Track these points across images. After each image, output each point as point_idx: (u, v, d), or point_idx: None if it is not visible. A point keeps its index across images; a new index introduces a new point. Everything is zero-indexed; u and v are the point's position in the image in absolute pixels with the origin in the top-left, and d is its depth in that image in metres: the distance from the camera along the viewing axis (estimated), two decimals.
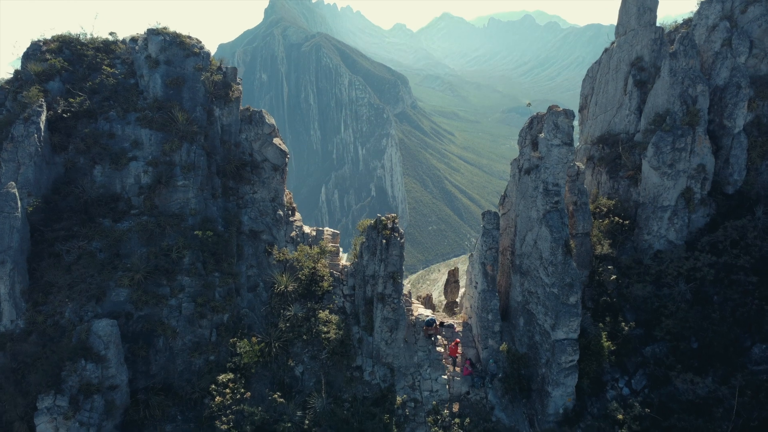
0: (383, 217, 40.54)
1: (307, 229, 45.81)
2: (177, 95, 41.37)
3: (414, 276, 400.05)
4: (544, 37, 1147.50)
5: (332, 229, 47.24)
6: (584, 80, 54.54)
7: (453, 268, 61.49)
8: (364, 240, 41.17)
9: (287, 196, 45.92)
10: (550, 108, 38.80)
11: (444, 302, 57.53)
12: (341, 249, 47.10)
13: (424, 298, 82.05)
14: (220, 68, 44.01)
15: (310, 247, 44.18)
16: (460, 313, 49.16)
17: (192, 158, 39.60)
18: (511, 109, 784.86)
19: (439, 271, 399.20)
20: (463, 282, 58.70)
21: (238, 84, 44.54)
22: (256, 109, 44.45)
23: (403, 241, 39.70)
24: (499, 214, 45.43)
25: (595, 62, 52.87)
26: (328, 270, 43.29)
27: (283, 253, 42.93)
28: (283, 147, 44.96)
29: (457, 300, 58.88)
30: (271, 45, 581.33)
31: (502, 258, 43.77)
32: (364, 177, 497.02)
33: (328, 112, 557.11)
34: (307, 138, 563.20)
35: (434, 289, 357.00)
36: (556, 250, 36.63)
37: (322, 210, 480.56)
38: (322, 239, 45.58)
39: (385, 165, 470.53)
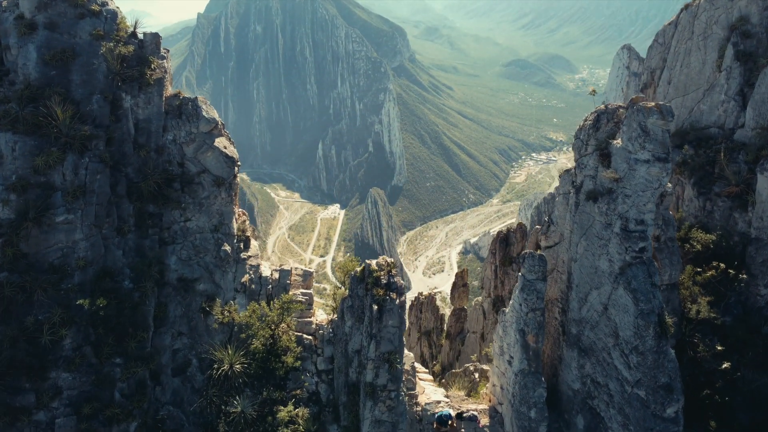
0: (374, 265, 27.04)
1: (266, 269, 31.94)
2: (63, 77, 27.27)
3: (411, 233, 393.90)
4: None
5: (302, 267, 33.27)
6: (651, 48, 40.09)
7: (461, 269, 53.57)
8: (346, 295, 27.79)
9: (239, 220, 32.15)
10: (633, 102, 24.88)
11: (447, 307, 44.51)
12: (318, 292, 33.48)
13: (426, 299, 69.34)
14: (133, 35, 29.69)
15: (269, 302, 30.50)
16: (483, 394, 35.79)
17: (82, 177, 25.82)
18: (511, 63, 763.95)
19: (437, 227, 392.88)
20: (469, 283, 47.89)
21: (163, 59, 30.26)
22: (188, 96, 30.33)
23: (403, 299, 26.35)
24: (541, 245, 31.95)
25: (669, 23, 38.37)
26: (294, 336, 29.78)
27: (228, 312, 29.32)
28: (231, 151, 31.08)
29: (466, 307, 50.63)
30: None
31: (546, 313, 30.49)
32: (362, 132, 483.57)
33: (325, 66, 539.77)
34: (303, 93, 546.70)
35: (431, 246, 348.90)
36: (643, 330, 23.34)
37: (319, 166, 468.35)
38: (288, 282, 31.77)
39: (382, 120, 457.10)
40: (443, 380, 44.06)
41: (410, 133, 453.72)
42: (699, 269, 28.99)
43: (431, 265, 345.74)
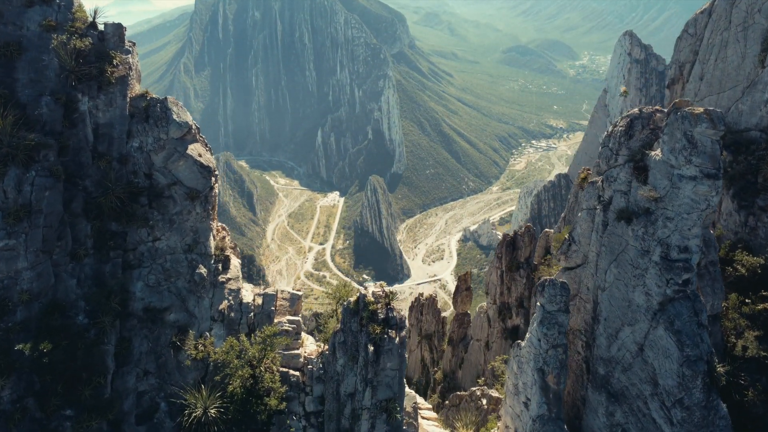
0: (370, 296, 23.22)
1: (247, 293, 28.02)
2: (6, 76, 23.34)
3: (411, 221, 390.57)
4: None
5: (289, 291, 29.25)
6: (680, 39, 35.98)
7: (464, 272, 52.84)
8: (338, 328, 24.04)
9: (217, 236, 28.29)
10: (676, 106, 20.95)
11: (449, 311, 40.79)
12: (305, 323, 29.66)
13: (427, 301, 65.60)
14: (92, 26, 25.67)
15: (251, 333, 26.66)
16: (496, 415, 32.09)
17: (27, 194, 21.94)
18: (511, 49, 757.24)
19: (436, 215, 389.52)
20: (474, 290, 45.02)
21: (128, 54, 26.23)
22: (156, 97, 26.34)
23: (404, 335, 22.61)
24: (560, 264, 28.18)
25: (701, 11, 34.26)
26: (278, 373, 25.96)
27: (203, 347, 25.46)
28: (207, 159, 27.17)
29: (469, 311, 49.60)
30: None
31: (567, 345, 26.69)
32: (361, 120, 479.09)
33: (324, 52, 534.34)
34: (302, 79, 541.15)
35: (431, 234, 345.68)
36: (690, 380, 19.62)
37: (319, 154, 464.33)
38: (273, 308, 27.87)
39: (382, 107, 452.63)
40: (446, 401, 40.40)
41: (410, 121, 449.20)
42: (745, 298, 25.15)
43: (431, 252, 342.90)
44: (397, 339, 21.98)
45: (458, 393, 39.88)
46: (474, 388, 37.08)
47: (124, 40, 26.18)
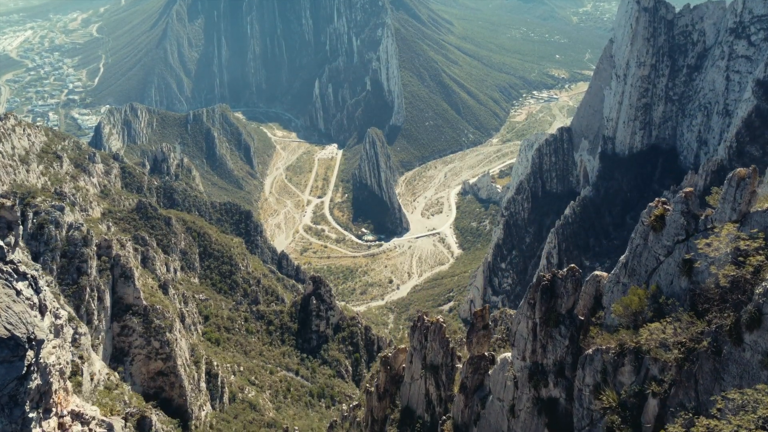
0: None
1: None
2: None
3: (410, 173, 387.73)
4: None
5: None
6: None
7: (481, 307, 40.64)
8: None
9: None
10: None
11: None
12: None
13: (432, 325, 52.30)
14: None
15: None
16: None
17: None
18: None
19: (435, 168, 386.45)
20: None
21: None
22: None
23: None
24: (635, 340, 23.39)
25: None
26: None
27: None
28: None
29: (486, 354, 38.81)
30: None
31: None
32: (359, 70, 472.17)
33: None
34: (298, 28, 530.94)
35: (430, 187, 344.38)
36: None
37: (316, 105, 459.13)
38: None
39: (380, 57, 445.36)
40: None
41: (409, 71, 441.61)
42: None
43: (430, 205, 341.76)
44: None
45: None
46: None
47: None
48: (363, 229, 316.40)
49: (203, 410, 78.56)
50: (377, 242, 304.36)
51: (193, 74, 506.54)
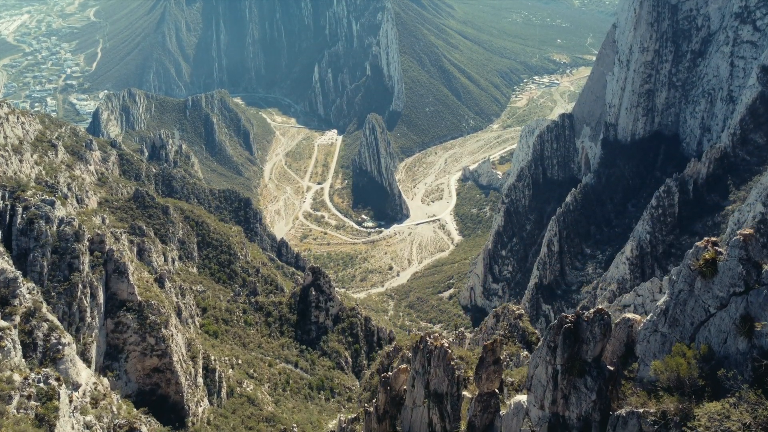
0: None
1: None
2: None
3: (410, 159, 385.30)
4: None
5: None
6: None
7: (491, 340, 35.87)
8: None
9: None
10: None
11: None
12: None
13: (435, 349, 47.10)
14: None
15: None
16: None
17: None
18: None
19: (435, 154, 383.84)
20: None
21: None
22: None
23: None
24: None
25: None
26: None
27: None
28: None
29: (497, 390, 34.41)
30: None
31: None
32: (359, 55, 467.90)
33: None
34: (298, 12, 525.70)
35: (430, 173, 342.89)
36: None
37: (316, 90, 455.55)
38: None
39: (380, 42, 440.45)
40: None
41: (409, 56, 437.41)
42: None
43: (430, 192, 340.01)
44: None
45: None
46: None
47: None
48: (363, 216, 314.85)
49: (200, 406, 77.45)
50: (377, 229, 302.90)
51: (192, 59, 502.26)
